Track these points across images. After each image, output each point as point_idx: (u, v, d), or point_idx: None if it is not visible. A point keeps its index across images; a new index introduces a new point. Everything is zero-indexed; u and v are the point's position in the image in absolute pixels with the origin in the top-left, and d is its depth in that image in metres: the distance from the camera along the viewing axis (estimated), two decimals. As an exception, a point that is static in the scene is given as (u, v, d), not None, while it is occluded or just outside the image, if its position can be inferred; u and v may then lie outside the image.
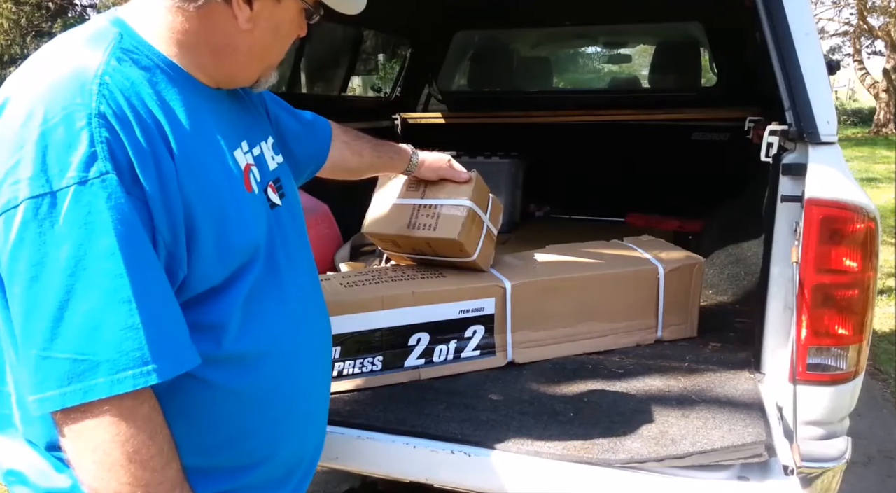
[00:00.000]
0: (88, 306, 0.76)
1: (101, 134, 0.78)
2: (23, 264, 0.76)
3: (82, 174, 0.76)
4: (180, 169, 0.84)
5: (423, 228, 1.76)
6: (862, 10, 17.81)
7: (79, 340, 0.76)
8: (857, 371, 1.46)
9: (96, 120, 0.78)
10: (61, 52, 0.87)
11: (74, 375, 0.76)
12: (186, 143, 0.87)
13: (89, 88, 0.80)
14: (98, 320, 0.76)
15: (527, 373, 1.79)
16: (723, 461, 1.39)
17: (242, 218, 0.94)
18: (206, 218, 0.87)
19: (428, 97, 4.08)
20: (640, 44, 5.11)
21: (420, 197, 1.80)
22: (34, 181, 0.76)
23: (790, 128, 1.47)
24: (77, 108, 0.78)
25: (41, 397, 0.77)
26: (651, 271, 1.94)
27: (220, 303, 0.91)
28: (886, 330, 4.07)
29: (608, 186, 3.64)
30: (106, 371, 0.76)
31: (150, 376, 0.78)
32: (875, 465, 2.70)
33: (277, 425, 1.03)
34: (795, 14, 1.44)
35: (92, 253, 0.76)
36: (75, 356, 0.76)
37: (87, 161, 0.77)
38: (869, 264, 1.40)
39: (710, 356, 1.87)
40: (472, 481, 1.47)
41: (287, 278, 1.04)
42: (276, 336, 1.01)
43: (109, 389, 0.76)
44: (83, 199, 0.76)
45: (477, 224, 1.80)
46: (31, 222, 0.75)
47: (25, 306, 0.77)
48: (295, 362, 1.06)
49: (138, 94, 0.84)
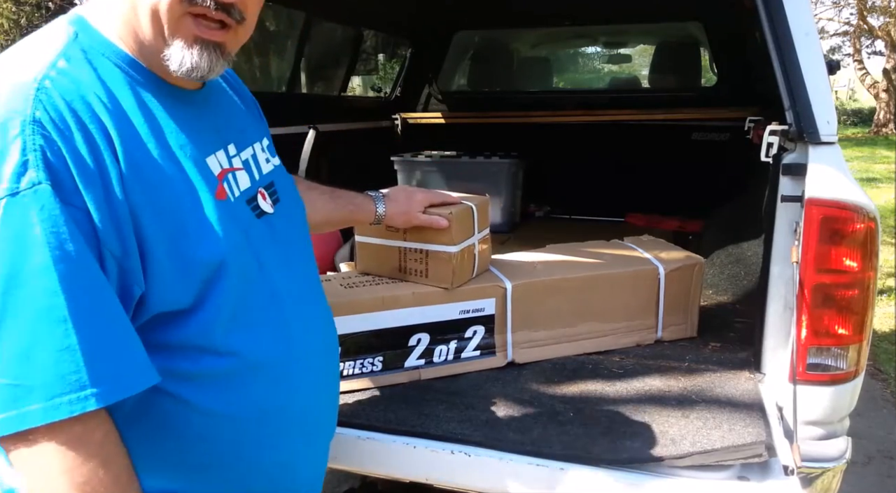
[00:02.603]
0: (21, 328, 0.71)
1: (35, 142, 0.73)
2: None
3: (13, 185, 0.71)
4: (127, 178, 0.79)
5: (415, 273, 1.77)
6: (862, 10, 17.81)
7: (11, 363, 0.71)
8: (857, 371, 1.46)
9: (30, 127, 0.73)
10: (9, 58, 0.83)
11: (10, 400, 0.70)
12: (138, 149, 0.82)
13: (27, 92, 0.75)
14: (31, 342, 0.71)
15: (527, 373, 1.79)
16: (723, 461, 1.39)
17: (204, 231, 0.86)
18: (158, 231, 0.81)
19: (428, 97, 4.08)
20: (640, 44, 5.11)
21: (402, 239, 1.76)
22: None
23: (790, 128, 1.47)
24: (11, 115, 0.73)
25: None
26: (651, 271, 1.94)
27: (193, 321, 0.86)
28: (886, 330, 4.07)
29: (608, 186, 3.64)
30: (40, 397, 0.71)
31: (89, 402, 0.72)
32: (875, 465, 2.70)
33: (274, 448, 0.97)
34: (795, 14, 1.44)
35: (24, 270, 0.71)
36: (9, 381, 0.70)
37: (19, 171, 0.71)
38: (869, 264, 1.40)
39: (710, 356, 1.87)
40: (472, 481, 1.47)
41: (282, 289, 0.98)
42: (267, 353, 0.95)
43: (44, 416, 0.71)
44: (14, 212, 0.71)
45: (468, 253, 1.79)
46: None
47: None
48: (291, 379, 0.99)
49: (83, 98, 0.79)
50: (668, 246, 2.15)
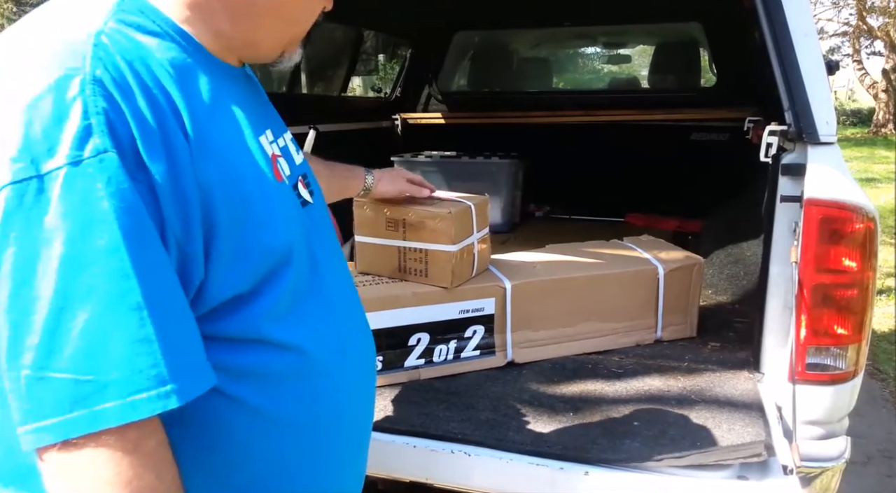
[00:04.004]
0: (90, 315, 0.61)
1: (98, 104, 0.63)
2: (7, 266, 0.62)
3: (75, 153, 0.62)
4: (195, 151, 0.70)
5: (415, 273, 1.78)
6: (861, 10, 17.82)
7: (80, 356, 0.61)
8: (856, 371, 1.46)
9: (91, 87, 0.64)
10: (52, 15, 0.73)
11: (77, 400, 0.61)
12: (204, 120, 0.72)
13: (82, 50, 0.66)
14: (102, 332, 0.62)
15: (527, 373, 1.79)
16: (722, 461, 1.39)
17: (271, 212, 0.78)
18: (227, 211, 0.72)
19: (428, 98, 4.08)
20: (640, 44, 5.12)
21: (402, 238, 1.77)
22: (16, 163, 0.62)
23: (789, 128, 1.47)
24: (68, 73, 0.64)
25: (38, 427, 0.62)
26: (651, 271, 1.95)
27: (250, 313, 0.77)
28: (886, 330, 4.08)
29: (608, 186, 3.64)
30: (116, 394, 0.62)
31: (170, 399, 0.64)
32: (874, 464, 2.70)
33: (333, 456, 0.89)
34: (794, 14, 1.44)
35: (91, 250, 0.62)
36: (77, 376, 0.61)
37: (81, 137, 0.62)
38: (868, 264, 1.40)
39: (710, 356, 1.87)
40: (472, 481, 1.48)
41: (330, 283, 0.90)
42: (324, 351, 0.86)
43: (121, 415, 0.62)
44: (77, 183, 0.62)
45: (467, 252, 1.79)
46: (13, 214, 0.61)
47: (13, 316, 0.62)
48: (342, 375, 0.90)
49: (143, 59, 0.69)
50: (668, 246, 2.15)
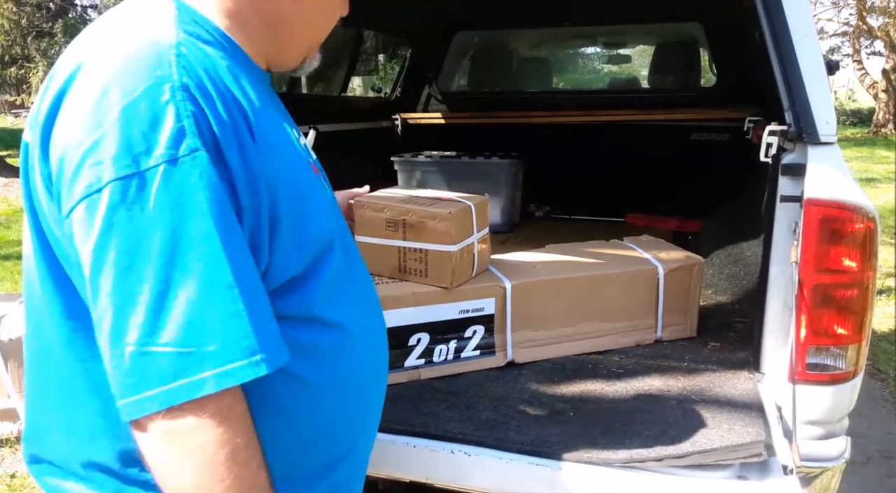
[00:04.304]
0: (189, 294, 0.69)
1: (187, 108, 0.71)
2: (113, 253, 0.69)
3: (171, 152, 0.69)
4: (260, 150, 0.77)
5: (415, 273, 1.78)
6: (861, 10, 17.81)
7: (182, 331, 0.68)
8: (856, 371, 1.46)
9: (180, 93, 0.71)
10: (127, 21, 0.80)
11: (179, 370, 0.68)
12: (262, 121, 0.80)
13: (168, 58, 0.73)
14: (201, 309, 0.69)
15: (527, 373, 1.79)
16: (722, 461, 1.39)
17: (317, 202, 0.88)
18: (286, 201, 0.80)
19: (428, 98, 4.08)
20: (640, 44, 5.12)
21: (402, 238, 1.77)
22: (119, 161, 0.69)
23: (789, 128, 1.47)
24: (158, 80, 0.71)
25: (139, 399, 0.69)
26: (651, 271, 1.95)
27: (302, 294, 0.84)
28: (886, 330, 4.08)
29: (608, 186, 3.64)
30: (214, 363, 0.69)
31: (260, 367, 0.71)
32: (874, 464, 2.70)
33: (357, 420, 0.97)
34: (795, 14, 1.44)
35: (188, 237, 0.69)
36: (179, 350, 0.68)
37: (176, 137, 0.70)
38: (868, 264, 1.40)
39: (710, 356, 1.87)
40: (472, 481, 1.48)
41: (357, 267, 0.99)
42: (357, 327, 0.94)
43: (218, 383, 0.69)
44: (174, 179, 0.69)
45: (467, 252, 1.79)
46: (118, 207, 0.68)
47: (118, 298, 0.69)
48: (372, 353, 0.99)
49: (213, 66, 0.78)
50: (668, 246, 2.15)
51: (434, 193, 1.92)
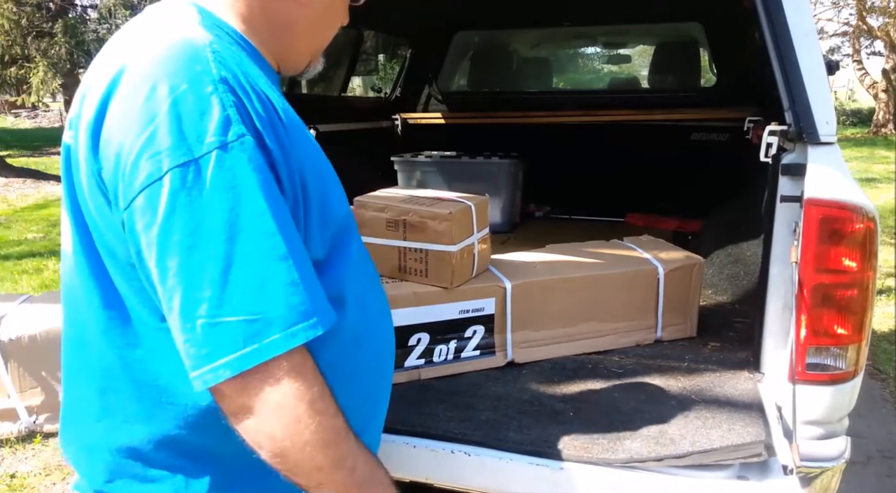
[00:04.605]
0: (252, 267, 0.76)
1: (229, 98, 0.78)
2: (177, 235, 0.75)
3: (221, 138, 0.76)
4: (291, 136, 0.84)
5: (415, 273, 1.78)
6: (861, 10, 17.82)
7: (249, 300, 0.75)
8: (856, 371, 1.46)
9: (221, 85, 0.78)
10: (160, 24, 0.87)
11: (249, 335, 0.75)
12: (286, 111, 0.87)
13: (205, 55, 0.80)
14: (263, 279, 0.76)
15: (527, 373, 1.79)
16: (722, 461, 1.39)
17: (335, 187, 0.95)
18: (313, 184, 0.87)
19: (428, 98, 4.08)
20: (640, 44, 5.12)
21: (402, 238, 1.77)
22: (175, 151, 0.75)
23: (789, 128, 1.47)
24: (201, 74, 0.78)
25: (214, 367, 0.75)
26: (651, 271, 1.95)
27: (328, 276, 0.90)
28: (886, 330, 4.08)
29: (608, 186, 3.64)
30: (279, 327, 0.76)
31: (317, 329, 0.78)
32: (874, 465, 2.70)
33: (372, 398, 1.03)
34: (795, 14, 1.44)
35: (244, 215, 0.76)
36: (248, 318, 0.75)
37: (224, 125, 0.76)
38: (868, 264, 1.40)
39: (710, 356, 1.87)
40: (471, 481, 1.48)
41: (367, 253, 1.05)
42: (374, 309, 1.02)
43: (286, 343, 0.76)
44: (226, 163, 0.76)
45: (468, 252, 1.79)
46: (179, 192, 0.75)
47: (186, 276, 0.75)
48: (384, 335, 1.06)
49: (241, 62, 0.85)
50: (668, 246, 2.15)
51: (434, 193, 1.93)
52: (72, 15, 14.14)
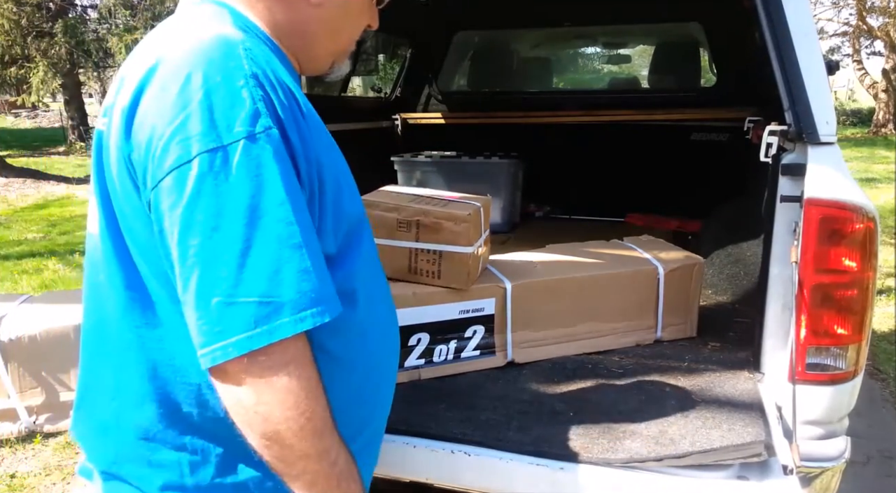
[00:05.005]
0: (268, 252, 0.79)
1: (258, 92, 0.82)
2: (201, 216, 0.79)
3: (249, 129, 0.80)
4: (311, 130, 0.89)
5: (427, 274, 1.77)
6: (861, 10, 17.81)
7: (263, 283, 0.79)
8: (856, 371, 1.46)
9: (251, 80, 0.83)
10: (195, 22, 0.91)
11: (261, 317, 0.78)
12: (307, 108, 0.91)
13: (238, 52, 0.85)
14: (278, 265, 0.79)
15: (527, 373, 1.79)
16: (722, 461, 1.39)
17: (350, 185, 0.98)
18: (329, 179, 0.91)
19: (428, 97, 4.08)
20: (640, 44, 5.11)
21: (414, 239, 1.76)
22: (205, 137, 0.79)
23: (789, 128, 1.47)
24: (233, 69, 0.83)
25: (224, 345, 0.78)
26: (651, 271, 1.95)
27: (340, 271, 0.93)
28: (886, 330, 4.07)
29: (608, 186, 3.64)
30: (289, 311, 0.79)
31: (324, 316, 0.82)
32: (874, 465, 2.70)
33: (377, 391, 1.06)
34: (795, 14, 1.44)
35: (265, 202, 0.79)
36: (261, 300, 0.79)
37: (252, 117, 0.81)
38: (868, 264, 1.40)
39: (710, 356, 1.87)
40: (472, 481, 1.48)
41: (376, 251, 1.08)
42: (381, 304, 1.05)
43: (294, 327, 0.79)
44: (252, 152, 0.80)
45: (478, 253, 1.79)
46: (206, 175, 0.78)
47: (205, 255, 0.79)
48: (390, 330, 1.10)
49: (269, 60, 0.89)
50: (668, 246, 2.15)
51: (437, 193, 1.93)
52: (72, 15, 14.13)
